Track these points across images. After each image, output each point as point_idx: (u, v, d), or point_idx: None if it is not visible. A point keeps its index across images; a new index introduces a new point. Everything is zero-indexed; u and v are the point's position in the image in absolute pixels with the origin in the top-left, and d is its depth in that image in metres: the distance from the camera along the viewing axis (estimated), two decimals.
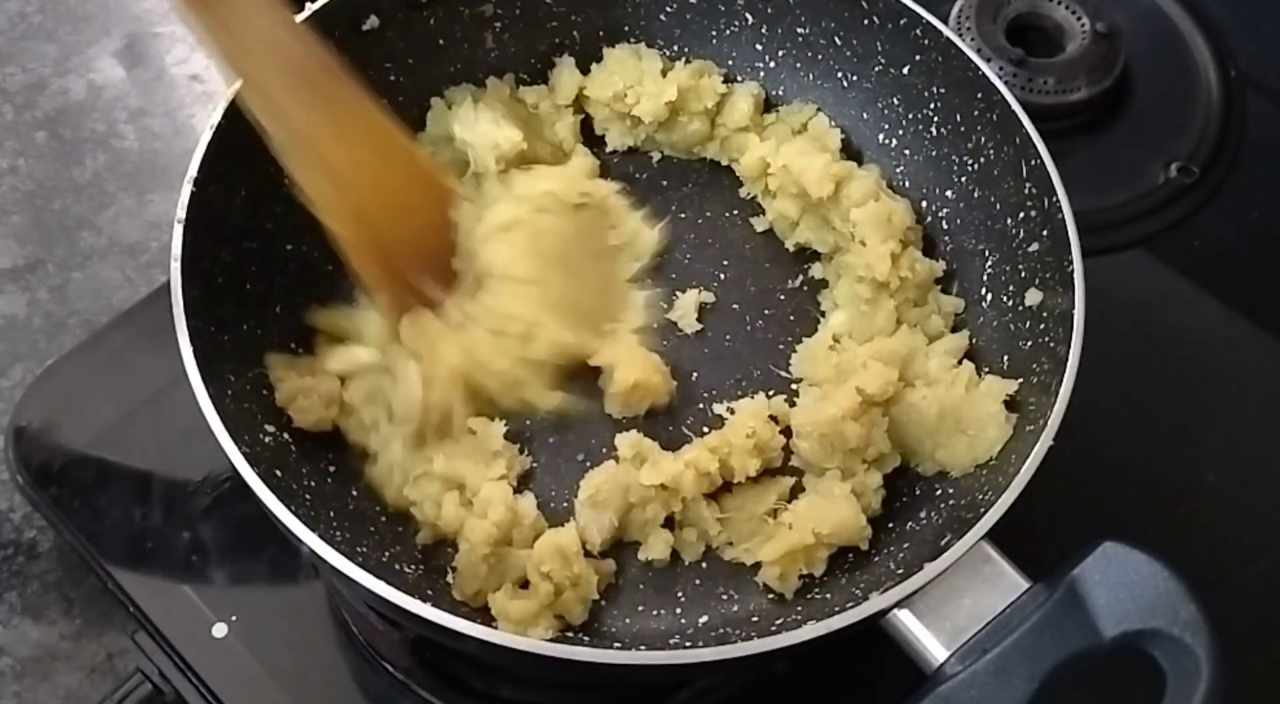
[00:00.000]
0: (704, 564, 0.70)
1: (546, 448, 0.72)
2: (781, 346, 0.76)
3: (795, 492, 0.71)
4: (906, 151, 0.81)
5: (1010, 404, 0.68)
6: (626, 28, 0.84)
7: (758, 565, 0.68)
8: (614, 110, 0.82)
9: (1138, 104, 1.00)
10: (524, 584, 0.66)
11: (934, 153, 0.79)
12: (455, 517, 0.67)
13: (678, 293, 0.78)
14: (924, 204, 0.80)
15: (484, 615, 0.65)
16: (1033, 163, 0.71)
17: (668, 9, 0.84)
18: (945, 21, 0.81)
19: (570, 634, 0.66)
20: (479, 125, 0.78)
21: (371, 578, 0.56)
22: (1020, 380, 0.69)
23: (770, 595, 0.68)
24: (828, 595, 0.67)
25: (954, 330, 0.76)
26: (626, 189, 0.81)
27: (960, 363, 0.73)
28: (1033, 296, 0.71)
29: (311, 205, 0.65)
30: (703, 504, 0.68)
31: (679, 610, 0.68)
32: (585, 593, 0.66)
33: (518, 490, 0.69)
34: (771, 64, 0.84)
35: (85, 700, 0.75)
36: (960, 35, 0.86)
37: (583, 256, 0.75)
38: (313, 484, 0.67)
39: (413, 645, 0.71)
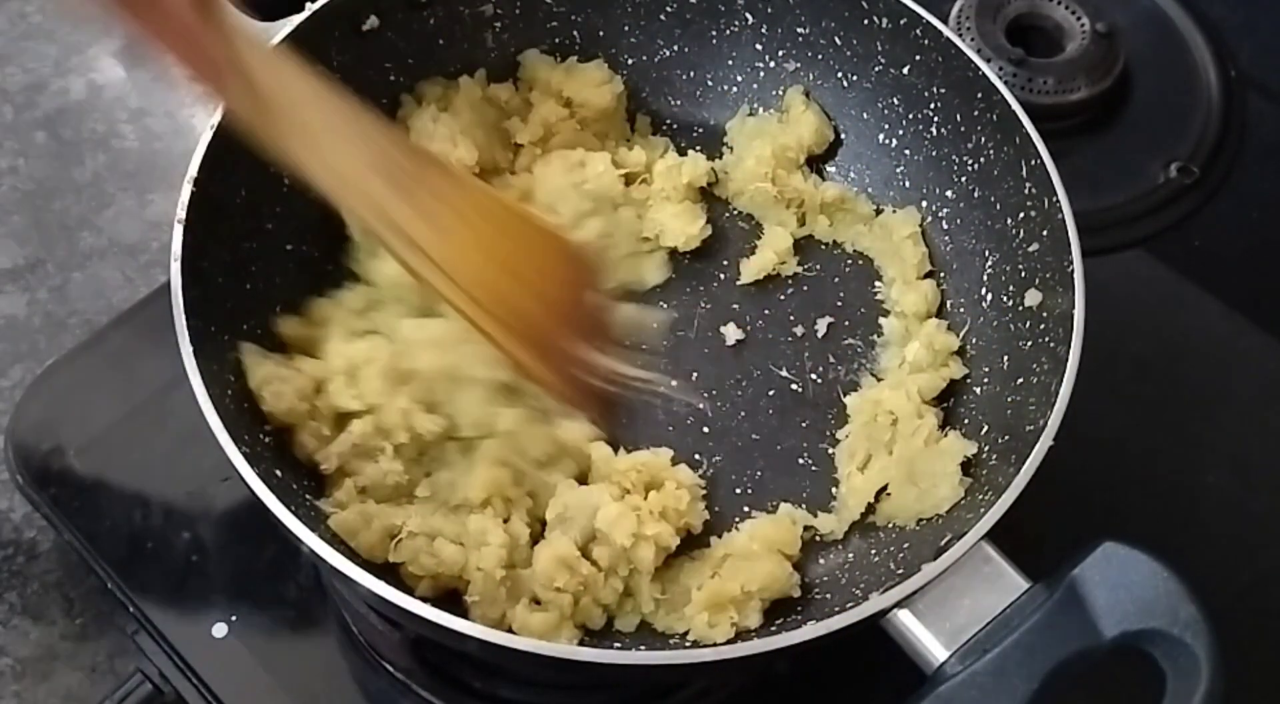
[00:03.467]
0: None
1: None
2: None
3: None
4: (906, 151, 0.81)
5: (1010, 406, 0.68)
6: (626, 28, 0.84)
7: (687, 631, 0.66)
8: None
9: (1137, 104, 1.00)
10: (537, 600, 0.65)
11: (934, 153, 0.79)
12: (454, 558, 0.64)
13: None
14: (924, 204, 0.80)
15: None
16: (1033, 163, 0.71)
17: (668, 9, 0.83)
18: (945, 21, 0.81)
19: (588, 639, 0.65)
20: (435, 142, 0.76)
21: (371, 578, 0.56)
22: (979, 444, 0.69)
23: None
24: (828, 596, 0.67)
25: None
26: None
27: (934, 404, 0.72)
28: (1033, 297, 0.71)
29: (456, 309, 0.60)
30: (646, 580, 0.66)
31: None
32: (599, 596, 0.66)
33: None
34: (771, 64, 0.84)
35: (85, 700, 0.75)
36: (960, 35, 0.86)
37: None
38: (312, 484, 0.67)
39: (413, 645, 0.71)
